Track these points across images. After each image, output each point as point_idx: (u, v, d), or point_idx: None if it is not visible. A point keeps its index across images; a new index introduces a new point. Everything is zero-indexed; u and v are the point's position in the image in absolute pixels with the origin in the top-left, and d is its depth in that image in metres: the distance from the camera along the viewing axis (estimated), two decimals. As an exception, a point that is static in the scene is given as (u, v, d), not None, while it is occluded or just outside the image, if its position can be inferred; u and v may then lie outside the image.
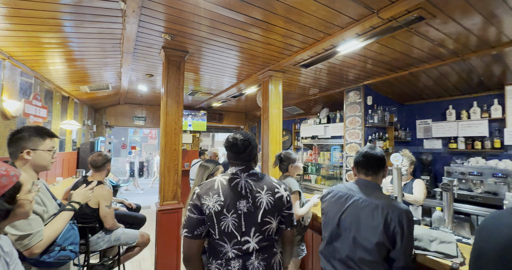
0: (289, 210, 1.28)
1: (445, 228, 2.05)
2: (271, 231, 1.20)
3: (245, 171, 1.26)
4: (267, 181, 1.26)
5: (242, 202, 1.17)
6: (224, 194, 1.17)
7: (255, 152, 1.33)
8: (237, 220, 1.14)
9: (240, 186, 1.21)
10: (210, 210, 1.13)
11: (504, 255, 1.02)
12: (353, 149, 4.03)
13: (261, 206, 1.17)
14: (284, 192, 1.26)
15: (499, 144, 3.28)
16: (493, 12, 1.87)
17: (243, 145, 1.26)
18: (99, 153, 2.32)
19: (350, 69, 3.29)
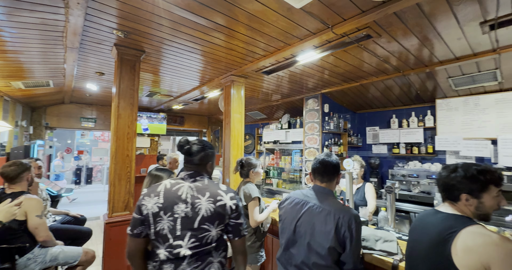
0: (236, 220, 1.23)
1: (389, 227, 2.26)
2: (210, 239, 1.17)
3: (192, 176, 1.25)
4: (212, 188, 1.22)
5: (181, 206, 1.16)
6: (164, 196, 1.18)
7: (209, 160, 1.31)
8: (173, 223, 1.14)
9: (181, 190, 1.20)
10: (148, 211, 1.16)
11: (431, 252, 1.15)
12: (311, 153, 4.23)
13: (199, 212, 1.15)
14: (229, 201, 1.21)
15: (431, 149, 3.78)
16: (426, 36, 2.16)
17: (194, 148, 1.26)
18: (12, 163, 1.98)
19: (309, 78, 3.47)
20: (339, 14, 1.78)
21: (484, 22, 1.88)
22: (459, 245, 1.02)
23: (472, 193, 1.09)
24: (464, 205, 1.12)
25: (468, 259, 0.99)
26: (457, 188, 1.12)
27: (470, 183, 1.09)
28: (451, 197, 1.16)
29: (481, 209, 1.09)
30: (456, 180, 1.12)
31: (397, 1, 1.56)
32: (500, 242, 0.95)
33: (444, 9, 1.74)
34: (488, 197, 1.08)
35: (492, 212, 1.11)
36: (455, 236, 1.04)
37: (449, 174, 1.16)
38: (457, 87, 3.28)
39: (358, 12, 1.74)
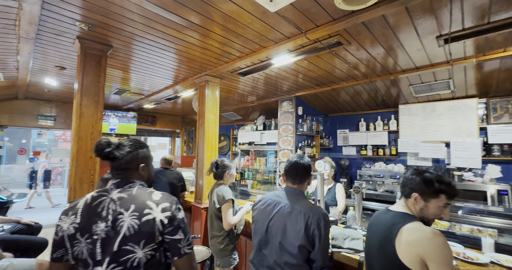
0: (172, 235, 0.98)
1: (356, 225, 2.37)
2: (136, 262, 0.93)
3: (119, 186, 1.04)
4: (140, 199, 0.99)
5: (100, 225, 0.95)
6: (82, 214, 0.98)
7: (141, 161, 1.09)
8: (92, 247, 0.94)
9: (102, 205, 0.99)
10: (64, 233, 0.97)
11: (381, 247, 1.25)
12: (285, 155, 4.31)
13: (120, 231, 0.93)
14: (160, 213, 0.97)
15: (395, 151, 4.06)
16: (391, 46, 2.32)
17: (117, 151, 1.03)
18: None
19: (284, 81, 3.53)
20: (312, 20, 1.84)
21: (439, 36, 2.07)
22: (401, 240, 1.13)
23: (422, 195, 1.21)
24: (412, 203, 1.25)
25: (408, 252, 1.10)
26: (412, 187, 1.24)
27: (425, 186, 1.20)
28: (405, 194, 1.29)
29: (425, 212, 1.22)
30: (414, 180, 1.24)
31: (365, 12, 1.65)
32: (432, 236, 1.07)
33: (406, 22, 1.88)
34: (435, 204, 1.20)
35: (432, 219, 1.23)
36: (398, 232, 1.15)
37: (412, 175, 1.27)
38: (417, 94, 3.57)
39: (329, 19, 1.81)
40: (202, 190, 3.12)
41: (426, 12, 1.74)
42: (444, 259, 1.05)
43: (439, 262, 1.05)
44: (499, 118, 3.24)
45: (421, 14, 1.76)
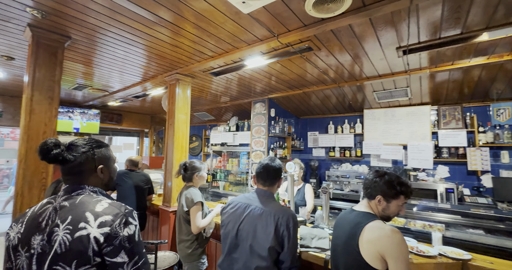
0: (112, 258, 0.80)
1: (323, 224, 2.47)
2: None
3: (68, 192, 0.90)
4: (80, 209, 0.84)
5: (37, 238, 0.82)
6: (26, 224, 0.87)
7: (97, 163, 0.95)
8: (28, 262, 0.82)
9: (44, 215, 0.86)
10: (10, 243, 0.87)
11: (346, 245, 1.31)
12: (258, 156, 4.33)
13: (54, 246, 0.80)
14: (97, 230, 0.79)
15: (360, 153, 4.32)
16: (357, 54, 2.46)
17: (67, 153, 0.90)
18: None
19: (258, 82, 3.55)
20: (284, 24, 1.88)
21: (399, 47, 2.24)
22: (364, 238, 1.21)
23: (385, 196, 1.31)
24: (375, 204, 1.34)
25: (369, 249, 1.18)
26: (376, 189, 1.33)
27: (387, 188, 1.30)
28: (369, 196, 1.37)
29: (386, 211, 1.33)
30: (378, 184, 1.33)
31: (333, 20, 1.73)
32: (391, 234, 1.16)
33: (370, 33, 2.01)
34: (395, 204, 1.31)
35: (393, 216, 1.35)
36: (361, 230, 1.23)
37: (376, 178, 1.35)
38: (379, 100, 3.84)
39: (301, 25, 1.87)
40: (170, 192, 3.00)
41: (388, 24, 1.88)
42: (401, 255, 1.13)
43: (397, 258, 1.13)
44: (447, 123, 3.62)
45: (383, 26, 1.89)
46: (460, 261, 1.67)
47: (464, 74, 2.84)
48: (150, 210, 3.45)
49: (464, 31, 1.95)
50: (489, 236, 2.45)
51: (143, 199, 3.20)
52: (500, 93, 3.21)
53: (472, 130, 3.44)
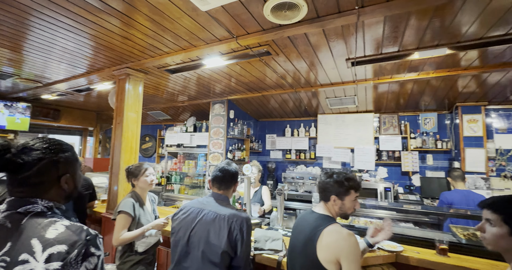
0: None
1: (278, 225, 2.52)
2: None
3: (11, 207, 0.70)
4: (25, 234, 0.65)
5: None
6: None
7: (66, 172, 0.78)
8: None
9: None
10: None
11: (304, 248, 1.35)
12: (215, 158, 4.25)
13: None
14: (43, 265, 0.60)
15: (313, 155, 4.57)
16: (312, 62, 2.59)
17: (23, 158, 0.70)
18: None
19: (217, 83, 3.49)
20: (243, 27, 1.87)
21: (348, 59, 2.44)
22: (323, 241, 1.24)
23: (338, 195, 1.36)
24: (332, 205, 1.38)
25: (326, 253, 1.22)
26: (330, 190, 1.38)
27: (339, 187, 1.35)
28: (324, 198, 1.41)
29: (343, 209, 1.38)
30: (330, 184, 1.38)
31: (290, 28, 1.79)
32: (347, 237, 1.21)
33: (324, 43, 2.14)
34: (349, 200, 1.36)
35: (350, 213, 1.40)
36: (320, 234, 1.26)
37: (326, 179, 1.41)
38: (331, 106, 4.13)
39: (259, 29, 1.89)
40: (116, 198, 2.72)
41: (339, 37, 2.02)
42: (354, 257, 1.19)
43: (350, 260, 1.18)
44: (387, 130, 4.08)
45: (334, 38, 2.03)
46: (394, 253, 1.87)
47: (400, 87, 3.24)
48: (92, 218, 3.07)
49: (401, 49, 2.22)
50: (417, 228, 2.82)
51: (82, 207, 2.83)
52: (427, 105, 3.76)
53: (406, 136, 3.94)
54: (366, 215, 3.32)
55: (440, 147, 3.72)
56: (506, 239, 0.95)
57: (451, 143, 3.66)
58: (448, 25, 1.80)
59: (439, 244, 1.84)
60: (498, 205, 0.99)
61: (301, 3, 1.50)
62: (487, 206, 1.02)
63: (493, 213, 0.99)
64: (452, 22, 1.76)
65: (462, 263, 1.69)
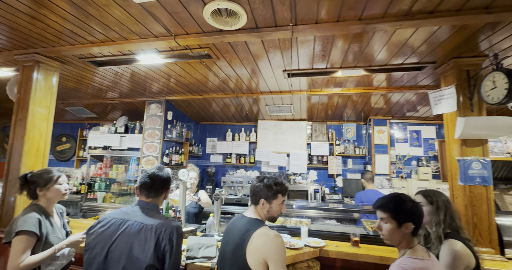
0: None
1: (214, 231, 2.48)
2: None
3: None
4: None
5: None
6: None
7: None
8: None
9: None
10: None
11: (234, 253, 1.36)
12: (149, 162, 3.91)
13: None
14: None
15: (253, 159, 4.70)
16: (253, 69, 2.68)
17: None
18: None
19: (154, 82, 3.24)
20: (182, 26, 1.80)
21: (285, 70, 2.63)
22: (252, 245, 1.27)
23: (267, 199, 1.42)
24: (261, 208, 1.43)
25: (255, 256, 1.25)
26: (259, 194, 1.43)
27: (267, 191, 1.41)
28: (254, 201, 1.46)
29: (270, 212, 1.44)
30: (260, 188, 1.43)
31: (231, 34, 1.82)
32: (274, 239, 1.28)
33: (263, 53, 2.25)
34: (276, 204, 1.43)
35: (277, 216, 1.47)
36: (250, 238, 1.29)
37: (257, 183, 1.45)
38: (270, 113, 4.35)
39: (199, 30, 1.85)
40: (13, 213, 2.20)
41: (276, 49, 2.16)
42: (280, 257, 1.25)
43: (276, 260, 1.24)
44: (317, 137, 4.54)
45: (273, 49, 2.16)
46: (318, 248, 2.08)
47: (329, 99, 3.66)
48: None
49: (328, 67, 2.52)
50: (339, 225, 3.20)
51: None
52: (349, 116, 4.35)
53: (332, 143, 4.47)
54: (297, 215, 3.58)
55: (358, 153, 4.36)
56: (397, 232, 1.17)
57: (366, 149, 4.32)
58: (363, 50, 2.14)
59: (352, 237, 2.13)
60: (386, 205, 1.20)
61: (241, 12, 1.54)
62: (378, 207, 1.23)
63: (383, 212, 1.20)
64: (366, 49, 2.10)
65: (369, 252, 2.00)
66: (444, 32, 1.77)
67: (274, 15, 1.62)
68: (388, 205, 1.20)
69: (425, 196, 1.49)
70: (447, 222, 1.39)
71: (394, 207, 1.19)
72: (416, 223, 1.16)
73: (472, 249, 1.32)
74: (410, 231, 1.16)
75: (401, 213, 1.17)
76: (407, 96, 3.34)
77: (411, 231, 1.16)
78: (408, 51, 2.10)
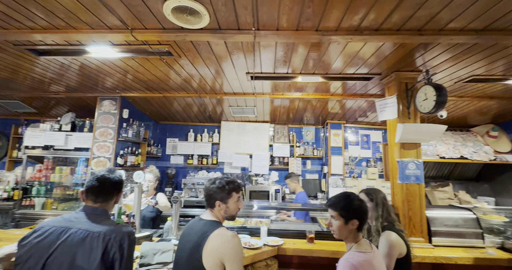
0: None
1: (172, 235, 2.38)
2: None
3: None
4: None
5: None
6: None
7: None
8: None
9: None
10: None
11: (190, 257, 1.33)
12: (101, 164, 3.59)
13: None
14: None
15: (215, 161, 4.64)
16: (216, 70, 2.66)
17: None
18: None
19: (108, 77, 2.99)
20: (140, 20, 1.71)
21: (248, 72, 2.67)
22: (208, 247, 1.26)
23: (222, 200, 1.41)
24: (218, 210, 1.42)
25: (211, 258, 1.24)
26: (213, 196, 1.41)
27: (221, 191, 1.41)
28: (210, 205, 1.44)
29: (228, 212, 1.44)
30: (213, 190, 1.41)
31: (193, 33, 1.78)
32: (231, 239, 1.28)
33: (226, 54, 2.25)
34: (232, 202, 1.44)
35: (235, 213, 1.48)
36: (206, 240, 1.27)
37: (210, 185, 1.44)
38: (234, 114, 4.36)
39: (159, 26, 1.77)
40: None
41: (239, 51, 2.18)
42: (237, 257, 1.25)
43: (233, 261, 1.24)
44: (279, 139, 4.69)
45: (236, 52, 2.18)
46: (276, 247, 2.15)
47: (290, 103, 3.81)
48: None
49: (289, 72, 2.64)
50: (298, 223, 3.34)
51: None
52: (308, 120, 4.59)
53: (293, 144, 4.66)
54: (259, 215, 3.64)
55: (316, 155, 4.62)
56: (344, 228, 1.29)
57: (323, 151, 4.61)
58: (321, 59, 2.29)
59: (308, 234, 2.25)
60: (336, 204, 1.33)
61: (203, 12, 1.53)
62: (329, 206, 1.36)
63: (333, 211, 1.32)
64: (324, 57, 2.25)
65: (323, 247, 2.14)
66: (387, 48, 1.99)
67: (237, 18, 1.64)
68: (337, 204, 1.32)
69: (367, 194, 1.67)
70: (384, 216, 1.58)
71: (342, 206, 1.31)
72: (361, 220, 1.29)
73: (404, 239, 1.51)
74: (355, 227, 1.28)
75: (348, 212, 1.29)
76: (359, 103, 3.66)
77: (357, 227, 1.28)
78: (359, 62, 2.31)
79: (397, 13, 1.55)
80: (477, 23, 1.62)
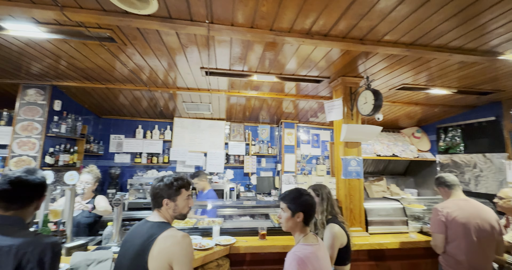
0: None
1: (113, 242, 2.15)
2: None
3: None
4: None
5: None
6: None
7: None
8: None
9: None
10: None
11: (134, 263, 1.21)
12: (23, 163, 3.04)
13: None
14: None
15: (167, 159, 4.38)
16: (168, 62, 2.48)
17: None
18: None
19: (34, 61, 2.53)
20: (74, -3, 1.48)
21: (202, 67, 2.57)
22: (155, 250, 1.16)
23: (170, 197, 1.32)
24: (166, 209, 1.32)
25: (158, 261, 1.15)
26: (161, 195, 1.31)
27: (168, 189, 1.32)
28: (157, 205, 1.33)
29: (177, 210, 1.35)
30: (160, 188, 1.32)
31: (139, 19, 1.62)
32: (181, 240, 1.20)
33: (178, 46, 2.12)
34: (181, 199, 1.35)
35: (185, 212, 1.39)
36: (153, 243, 1.18)
37: (157, 184, 1.33)
38: (188, 111, 4.17)
39: (98, 7, 1.56)
40: None
41: (193, 44, 2.08)
42: (187, 259, 1.18)
43: (182, 263, 1.16)
44: (235, 137, 4.66)
45: (189, 44, 2.07)
46: (228, 246, 2.12)
47: (246, 101, 3.82)
48: None
49: (245, 70, 2.62)
50: (252, 220, 3.37)
51: None
52: (264, 118, 4.68)
53: (248, 142, 4.69)
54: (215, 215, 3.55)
55: (271, 153, 4.74)
56: (291, 220, 1.35)
57: (277, 149, 4.76)
58: (275, 58, 2.33)
59: (260, 230, 2.29)
60: (285, 197, 1.40)
61: (151, -4, 1.40)
62: (280, 199, 1.43)
63: (283, 203, 1.38)
64: (278, 57, 2.30)
65: (274, 243, 2.19)
66: (335, 53, 2.14)
67: (189, 7, 1.55)
68: (286, 197, 1.39)
69: (314, 190, 1.79)
70: (329, 210, 1.70)
71: (290, 199, 1.37)
72: (306, 213, 1.35)
73: (345, 230, 1.65)
74: (301, 220, 1.34)
75: (294, 204, 1.35)
76: (310, 104, 3.88)
77: (302, 220, 1.35)
78: (311, 64, 2.43)
79: (343, 21, 1.66)
80: (407, 38, 1.85)
